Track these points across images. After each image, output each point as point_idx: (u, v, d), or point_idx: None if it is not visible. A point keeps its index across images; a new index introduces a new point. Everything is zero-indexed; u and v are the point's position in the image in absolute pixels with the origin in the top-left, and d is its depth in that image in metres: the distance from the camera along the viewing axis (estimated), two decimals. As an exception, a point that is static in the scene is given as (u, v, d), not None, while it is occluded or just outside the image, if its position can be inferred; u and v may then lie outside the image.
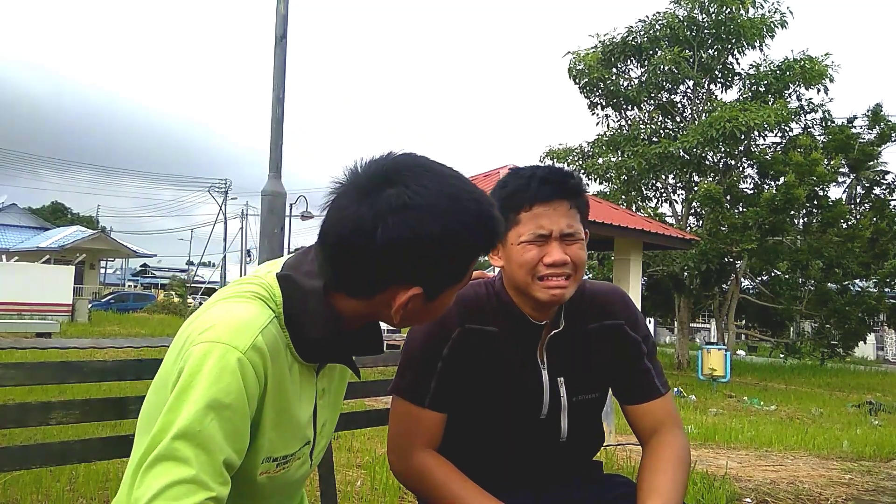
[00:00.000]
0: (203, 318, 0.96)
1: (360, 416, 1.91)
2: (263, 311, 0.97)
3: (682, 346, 17.90)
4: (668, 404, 1.41)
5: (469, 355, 1.33)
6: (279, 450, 1.01)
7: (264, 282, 1.02)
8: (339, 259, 0.95)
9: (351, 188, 0.95)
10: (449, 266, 0.97)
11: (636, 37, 17.65)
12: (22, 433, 3.85)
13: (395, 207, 0.91)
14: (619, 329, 1.42)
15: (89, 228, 39.86)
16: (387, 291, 0.96)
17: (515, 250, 1.31)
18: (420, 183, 0.94)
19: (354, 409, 2.34)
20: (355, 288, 0.97)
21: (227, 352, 0.89)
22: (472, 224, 0.96)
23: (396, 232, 0.90)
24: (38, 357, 10.28)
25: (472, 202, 0.96)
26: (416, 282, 0.95)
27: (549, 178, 1.31)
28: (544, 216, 1.28)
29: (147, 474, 0.83)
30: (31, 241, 33.20)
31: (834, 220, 16.24)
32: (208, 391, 0.87)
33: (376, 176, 0.95)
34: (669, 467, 1.31)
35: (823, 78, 16.92)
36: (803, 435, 6.68)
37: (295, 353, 1.01)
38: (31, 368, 1.29)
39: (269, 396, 0.96)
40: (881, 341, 30.13)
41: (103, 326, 20.39)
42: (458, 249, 0.96)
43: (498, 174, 13.07)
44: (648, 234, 12.29)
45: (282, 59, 6.80)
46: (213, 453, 0.86)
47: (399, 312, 0.98)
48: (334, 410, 1.19)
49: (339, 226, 0.94)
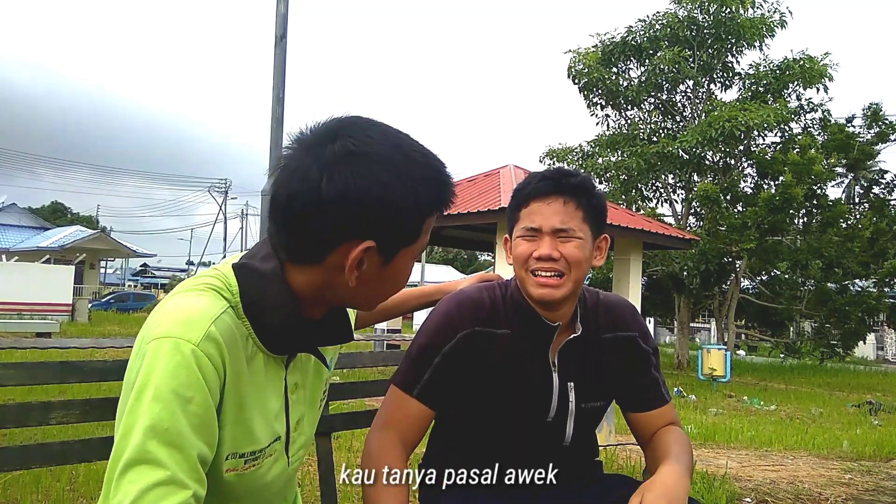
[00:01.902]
0: (156, 314, 0.94)
1: (360, 416, 1.91)
2: (217, 301, 0.95)
3: (682, 346, 17.90)
4: (671, 410, 1.46)
5: (472, 357, 1.34)
6: (244, 445, 0.98)
7: (220, 273, 1.00)
8: (289, 221, 0.92)
9: (297, 147, 0.94)
10: (400, 220, 0.93)
11: (636, 36, 17.66)
12: (22, 433, 3.85)
13: (341, 157, 0.89)
14: (632, 341, 1.44)
15: (89, 228, 39.86)
16: (339, 249, 0.92)
17: (513, 245, 1.36)
18: (365, 134, 0.92)
19: (354, 408, 2.34)
20: (307, 251, 0.94)
21: (180, 345, 0.87)
22: (419, 176, 0.93)
23: (342, 181, 0.88)
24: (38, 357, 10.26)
25: (420, 156, 0.95)
26: (367, 235, 0.91)
27: (548, 175, 1.34)
28: (537, 212, 1.32)
29: (122, 480, 0.81)
30: (31, 240, 33.19)
31: (833, 219, 16.23)
32: (167, 387, 0.85)
33: (321, 132, 0.93)
34: (677, 441, 1.36)
35: (823, 78, 16.92)
36: (803, 435, 6.68)
37: (259, 343, 0.99)
38: (31, 368, 1.29)
39: (229, 388, 0.93)
40: (881, 341, 30.12)
41: (103, 326, 20.38)
42: (408, 203, 0.92)
43: (498, 174, 13.06)
44: (648, 233, 12.30)
45: (282, 59, 6.81)
46: (185, 449, 0.84)
47: (353, 272, 0.93)
48: (312, 407, 1.15)
49: (287, 185, 0.91)
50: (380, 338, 12.02)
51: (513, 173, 12.74)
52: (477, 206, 10.90)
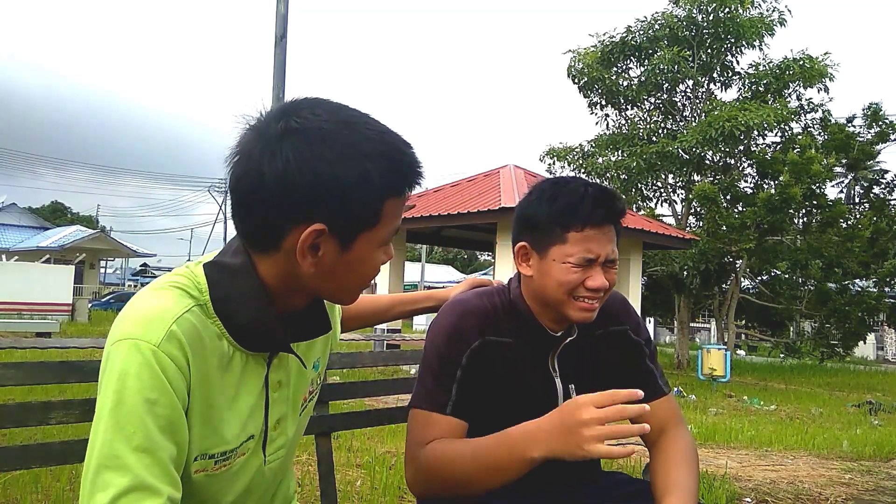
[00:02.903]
0: (119, 315, 0.91)
1: (360, 416, 1.91)
2: (180, 299, 0.92)
3: (682, 345, 17.89)
4: (671, 404, 1.43)
5: (486, 366, 1.32)
6: (214, 446, 0.95)
7: (189, 271, 0.97)
8: (239, 205, 0.90)
9: (248, 130, 0.91)
10: (349, 200, 0.87)
11: (635, 36, 17.66)
12: (22, 433, 3.85)
13: (282, 134, 0.86)
14: (624, 334, 1.44)
15: (89, 228, 39.88)
16: (291, 234, 0.88)
17: (557, 268, 1.28)
18: (312, 112, 0.88)
19: (354, 408, 2.34)
20: (263, 238, 0.91)
21: (139, 346, 0.85)
22: (371, 152, 0.87)
23: (282, 160, 0.84)
24: (38, 357, 10.27)
25: (374, 132, 0.89)
26: (315, 217, 0.86)
27: (602, 200, 1.27)
28: (594, 240, 1.27)
29: (93, 488, 0.80)
30: (31, 240, 33.21)
31: (833, 219, 16.24)
32: (130, 390, 0.83)
33: (270, 113, 0.90)
34: (684, 462, 1.32)
35: (823, 77, 16.92)
36: (803, 435, 6.68)
37: (233, 341, 0.96)
38: (31, 368, 1.29)
39: (195, 389, 0.90)
40: (881, 341, 30.11)
41: (103, 326, 20.39)
42: (356, 179, 0.86)
43: (498, 174, 13.06)
44: (648, 233, 12.30)
45: (282, 59, 6.81)
46: (155, 453, 0.82)
47: (306, 257, 0.89)
48: (295, 406, 1.11)
49: (236, 168, 0.89)
50: (380, 338, 12.02)
51: (513, 173, 12.74)
52: (477, 206, 10.90)
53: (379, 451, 4.28)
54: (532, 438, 1.13)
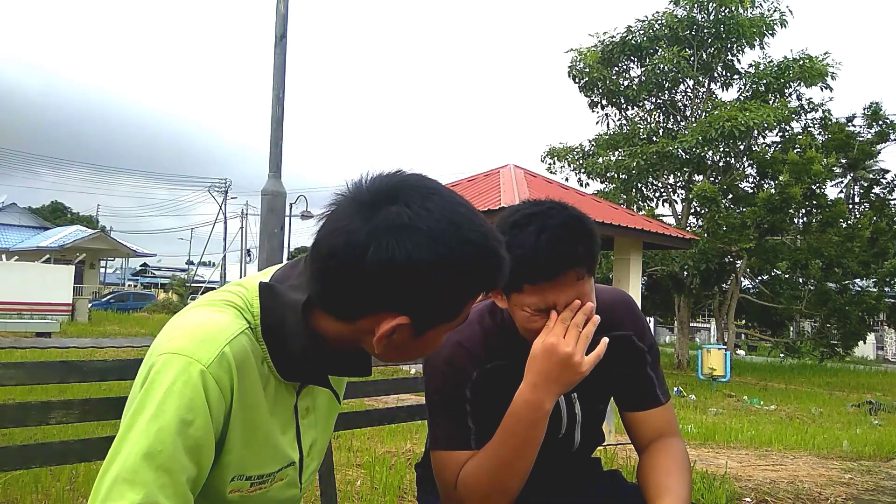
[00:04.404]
0: (171, 326, 0.92)
1: (360, 415, 1.91)
2: (236, 320, 0.92)
3: (682, 345, 17.90)
4: (667, 414, 1.40)
5: (489, 391, 1.31)
6: (252, 468, 0.96)
7: (244, 291, 0.97)
8: (327, 274, 0.88)
9: (350, 201, 0.89)
10: (442, 299, 0.88)
11: (635, 36, 17.66)
12: (22, 433, 3.85)
13: (393, 226, 0.84)
14: (627, 340, 1.40)
15: (89, 228, 39.86)
16: (372, 317, 0.89)
17: (519, 314, 1.24)
18: (424, 205, 0.86)
19: (354, 408, 2.34)
20: (340, 308, 0.90)
21: (189, 365, 0.85)
22: (473, 258, 0.88)
23: (389, 252, 0.83)
24: (38, 357, 10.28)
25: (477, 234, 0.88)
26: (403, 310, 0.87)
27: (557, 250, 1.17)
28: (550, 292, 1.19)
29: (107, 496, 0.80)
30: (30, 240, 33.22)
31: (833, 219, 16.25)
32: (168, 407, 0.83)
33: (379, 191, 0.88)
34: (675, 468, 1.30)
35: (824, 77, 16.92)
36: (803, 435, 6.68)
37: (272, 368, 0.96)
38: (31, 368, 1.29)
39: (237, 411, 0.91)
40: (881, 341, 30.12)
41: (103, 326, 20.40)
42: (454, 283, 0.87)
43: (498, 174, 13.06)
44: (648, 233, 12.30)
45: (282, 59, 6.80)
46: (174, 473, 0.82)
47: (382, 342, 0.90)
48: (325, 431, 1.13)
49: (332, 238, 0.87)
50: (380, 337, 12.01)
51: (513, 173, 12.73)
52: (477, 206, 10.80)
53: (379, 451, 4.28)
54: (534, 399, 1.20)
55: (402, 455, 4.08)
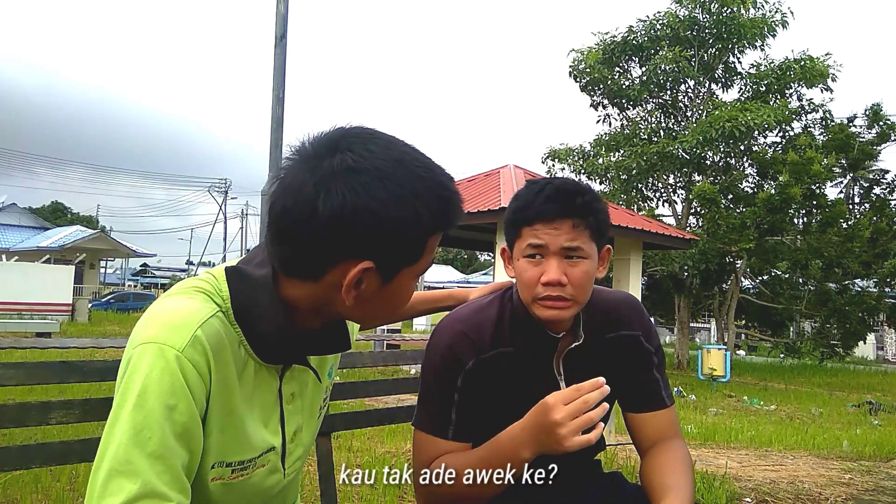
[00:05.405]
0: (143, 318, 0.92)
1: (360, 416, 1.91)
2: (205, 304, 0.92)
3: (682, 345, 17.90)
4: (671, 416, 1.41)
5: (484, 383, 1.32)
6: (232, 454, 0.95)
7: (212, 277, 0.98)
8: (285, 235, 0.89)
9: (297, 160, 0.89)
10: (401, 237, 0.88)
11: (637, 36, 17.69)
12: (22, 433, 3.85)
13: (338, 172, 0.85)
14: (635, 340, 1.41)
15: (89, 228, 39.86)
16: (336, 268, 0.89)
17: (518, 266, 1.29)
18: (366, 148, 0.88)
19: (354, 408, 2.34)
20: (303, 267, 0.90)
21: (164, 351, 0.85)
22: (423, 193, 0.88)
23: (340, 198, 0.84)
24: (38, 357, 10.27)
25: (424, 170, 0.90)
26: (365, 255, 0.87)
27: (557, 195, 1.25)
28: (544, 231, 1.25)
29: (104, 492, 0.80)
30: (31, 240, 33.20)
31: (833, 219, 16.25)
32: (150, 395, 0.83)
33: (321, 144, 0.89)
34: (679, 467, 1.30)
35: (825, 78, 16.94)
36: (803, 435, 6.68)
37: (250, 350, 0.96)
38: (31, 368, 1.29)
39: (215, 395, 0.91)
40: (881, 341, 30.09)
41: (103, 326, 20.40)
42: (410, 219, 0.87)
43: (498, 174, 13.06)
44: (648, 233, 12.29)
45: (282, 59, 6.81)
46: (168, 459, 0.83)
47: (351, 292, 0.89)
48: (311, 417, 1.11)
49: (283, 198, 0.88)
50: (380, 338, 12.01)
51: (513, 173, 12.73)
52: (477, 206, 10.89)
53: (379, 451, 4.28)
54: (519, 441, 1.18)
55: (402, 455, 4.08)
